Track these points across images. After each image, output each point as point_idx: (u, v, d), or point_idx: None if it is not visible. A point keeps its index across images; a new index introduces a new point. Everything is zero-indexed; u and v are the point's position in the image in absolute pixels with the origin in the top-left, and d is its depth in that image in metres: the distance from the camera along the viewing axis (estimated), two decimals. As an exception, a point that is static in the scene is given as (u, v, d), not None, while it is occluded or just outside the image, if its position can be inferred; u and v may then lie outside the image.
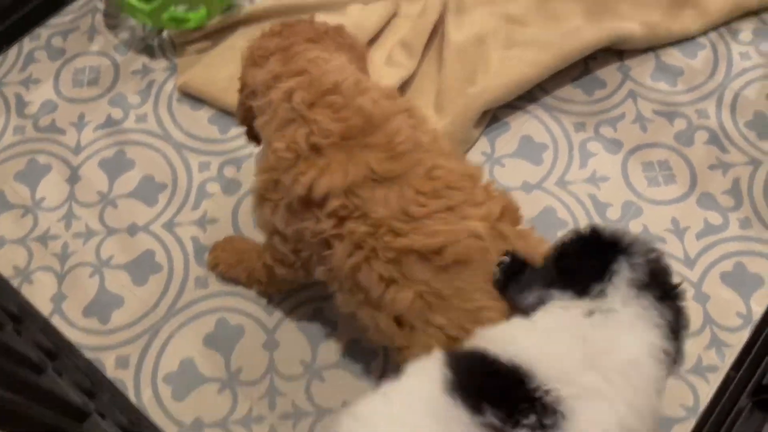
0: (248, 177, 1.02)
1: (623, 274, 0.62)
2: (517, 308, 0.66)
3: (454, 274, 0.66)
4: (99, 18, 1.17)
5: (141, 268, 0.96)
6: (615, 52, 1.10)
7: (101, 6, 1.18)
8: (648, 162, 1.01)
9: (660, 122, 1.04)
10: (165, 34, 1.14)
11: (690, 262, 0.93)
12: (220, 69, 1.08)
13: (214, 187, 1.01)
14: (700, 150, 1.02)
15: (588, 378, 0.58)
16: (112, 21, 1.17)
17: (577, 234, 0.66)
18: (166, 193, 1.01)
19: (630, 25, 1.07)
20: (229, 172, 1.02)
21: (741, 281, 0.92)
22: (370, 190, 0.67)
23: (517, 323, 0.64)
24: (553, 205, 0.99)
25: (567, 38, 1.06)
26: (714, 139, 1.03)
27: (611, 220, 0.97)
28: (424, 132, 0.71)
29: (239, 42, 1.11)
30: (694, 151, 1.02)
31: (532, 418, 0.55)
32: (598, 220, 0.97)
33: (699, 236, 0.95)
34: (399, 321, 0.68)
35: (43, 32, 1.16)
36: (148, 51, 1.13)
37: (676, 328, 0.62)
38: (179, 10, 1.09)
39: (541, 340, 0.61)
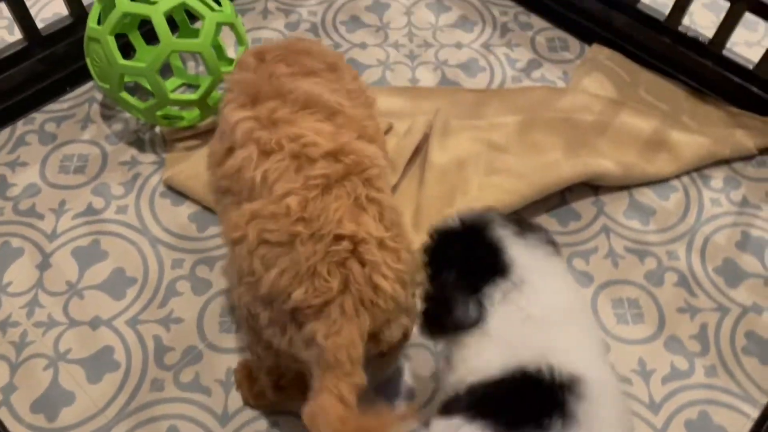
0: (221, 278, 1.02)
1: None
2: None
3: None
4: (96, 107, 1.20)
5: (97, 364, 0.93)
6: (591, 186, 1.13)
7: (99, 97, 1.21)
8: (618, 299, 1.02)
9: (631, 260, 1.06)
10: (157, 129, 1.17)
11: (655, 407, 0.92)
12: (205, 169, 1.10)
13: (184, 286, 1.01)
14: (670, 291, 1.03)
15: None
16: (108, 112, 1.20)
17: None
18: (135, 287, 1.00)
19: (607, 163, 1.11)
20: (201, 271, 1.02)
21: (705, 431, 0.91)
22: None
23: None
24: (522, 334, 0.99)
25: (546, 170, 1.09)
26: (683, 282, 1.04)
27: (578, 355, 0.96)
28: None
29: (228, 143, 1.14)
30: (664, 292, 1.03)
31: None
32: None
33: (665, 380, 0.95)
34: None
35: (38, 117, 1.18)
36: (138, 144, 1.16)
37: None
38: (174, 109, 1.12)
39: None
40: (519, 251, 0.70)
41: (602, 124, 1.17)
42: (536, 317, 0.67)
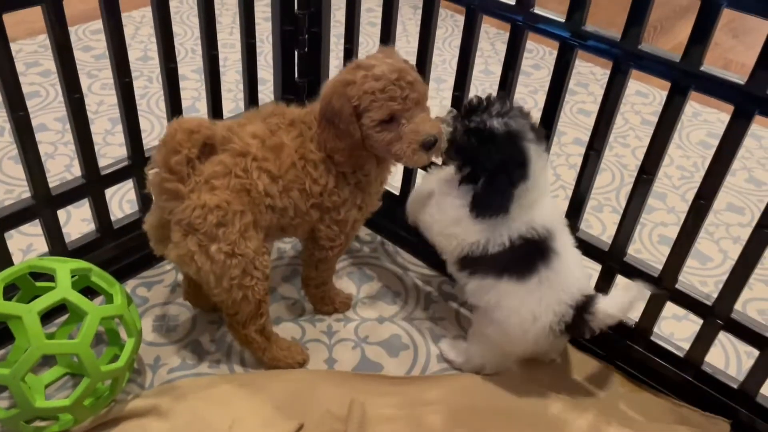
0: None
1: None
2: None
3: None
4: (-44, 405, 1.03)
5: None
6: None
7: (-38, 392, 1.05)
8: None
9: None
10: (25, 433, 1.00)
11: None
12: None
13: None
14: None
15: None
16: (-31, 411, 1.03)
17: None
18: None
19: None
20: None
21: None
22: None
23: None
24: None
25: None
26: None
27: None
28: None
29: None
30: None
31: None
32: None
33: None
34: None
35: None
36: (-3, 455, 0.98)
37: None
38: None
39: None
40: (535, 157, 0.98)
41: (537, 415, 1.07)
42: (531, 202, 1.00)
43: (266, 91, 1.66)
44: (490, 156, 0.97)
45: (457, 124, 1.00)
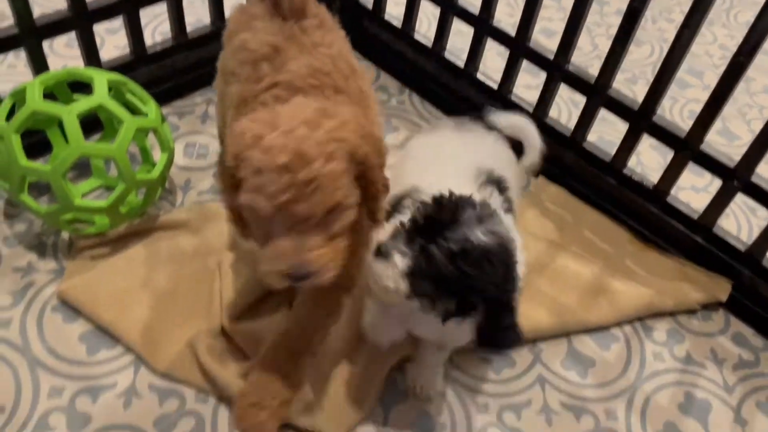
0: (102, 412, 0.89)
1: None
2: None
3: None
4: (0, 204, 1.10)
5: None
6: (528, 330, 1.05)
7: (5, 193, 1.12)
8: (549, 463, 0.92)
9: (566, 417, 0.97)
10: (64, 234, 1.07)
11: None
12: (107, 282, 1.00)
13: (58, 420, 0.88)
14: (606, 457, 0.93)
15: None
16: (12, 210, 1.10)
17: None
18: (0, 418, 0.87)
19: (540, 315, 1.04)
20: (81, 403, 0.89)
21: None
22: None
23: None
24: (441, 500, 0.87)
25: None
26: (621, 447, 0.95)
27: None
28: None
29: (140, 253, 1.05)
30: (600, 458, 0.93)
31: None
32: None
33: None
34: None
35: (-68, 210, 1.08)
36: (39, 249, 1.05)
37: None
38: (83, 214, 1.03)
39: None
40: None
41: (541, 264, 1.11)
42: None
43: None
44: (490, 280, 0.72)
45: (432, 249, 0.72)
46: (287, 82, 0.79)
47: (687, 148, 1.07)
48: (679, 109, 1.50)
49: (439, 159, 0.97)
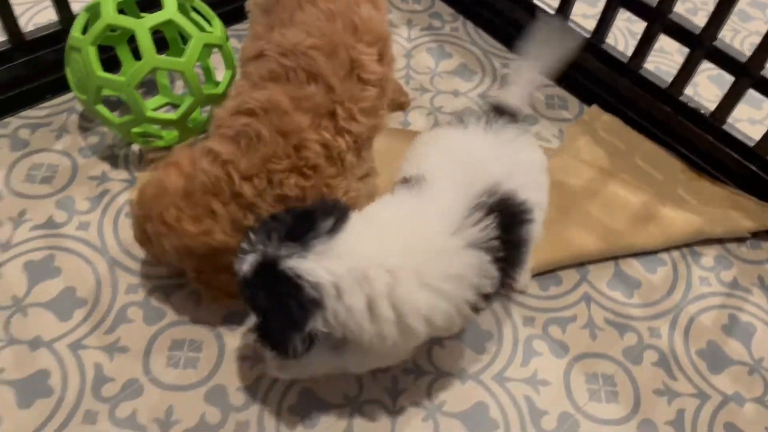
0: (175, 309, 0.96)
1: None
2: None
3: None
4: (74, 118, 1.17)
5: (30, 388, 0.87)
6: (576, 251, 1.08)
7: (79, 108, 1.18)
8: (592, 373, 0.96)
9: (610, 333, 1.01)
10: (134, 147, 1.13)
11: (620, 497, 0.86)
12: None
13: (135, 313, 0.95)
14: (648, 371, 0.97)
15: None
16: (86, 124, 1.16)
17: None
18: (83, 309, 0.95)
19: (587, 241, 1.06)
20: (156, 299, 0.97)
21: None
22: None
23: None
24: (487, 401, 0.92)
25: None
26: (663, 362, 0.98)
27: (545, 431, 0.90)
28: None
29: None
30: (642, 371, 0.97)
31: None
32: (530, 428, 0.90)
33: (634, 468, 0.88)
34: None
35: (13, 122, 1.15)
36: (112, 160, 1.12)
37: None
38: (153, 127, 1.08)
39: None
40: None
41: (591, 191, 1.13)
42: None
43: None
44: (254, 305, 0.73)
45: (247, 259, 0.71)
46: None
47: (747, 75, 1.06)
48: (741, 40, 1.47)
49: (445, 162, 0.82)
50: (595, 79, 1.27)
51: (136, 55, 1.13)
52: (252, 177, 0.79)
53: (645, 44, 1.17)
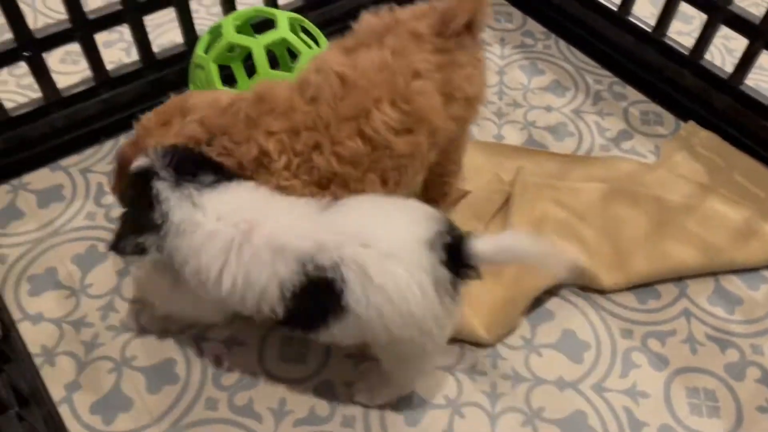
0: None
1: None
2: None
3: None
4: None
5: (159, 375, 0.95)
6: (674, 265, 1.08)
7: (198, 121, 1.28)
8: (693, 388, 0.96)
9: (711, 348, 1.00)
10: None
11: None
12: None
13: (250, 311, 1.03)
14: (751, 387, 0.96)
15: None
16: (203, 135, 1.26)
17: None
18: (204, 306, 1.03)
19: (687, 255, 1.07)
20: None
21: None
22: None
23: None
24: (586, 410, 0.94)
25: (620, 257, 1.07)
26: (766, 380, 0.97)
27: (644, 441, 0.91)
28: None
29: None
30: (744, 387, 0.96)
31: None
32: (630, 438, 0.91)
33: (738, 483, 0.88)
34: None
35: (140, 133, 1.26)
36: (227, 169, 1.20)
37: None
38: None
39: None
40: None
41: (689, 206, 1.13)
42: None
43: None
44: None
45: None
46: None
47: None
48: None
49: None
50: (692, 95, 1.27)
51: (249, 73, 1.23)
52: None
53: (746, 61, 1.17)
